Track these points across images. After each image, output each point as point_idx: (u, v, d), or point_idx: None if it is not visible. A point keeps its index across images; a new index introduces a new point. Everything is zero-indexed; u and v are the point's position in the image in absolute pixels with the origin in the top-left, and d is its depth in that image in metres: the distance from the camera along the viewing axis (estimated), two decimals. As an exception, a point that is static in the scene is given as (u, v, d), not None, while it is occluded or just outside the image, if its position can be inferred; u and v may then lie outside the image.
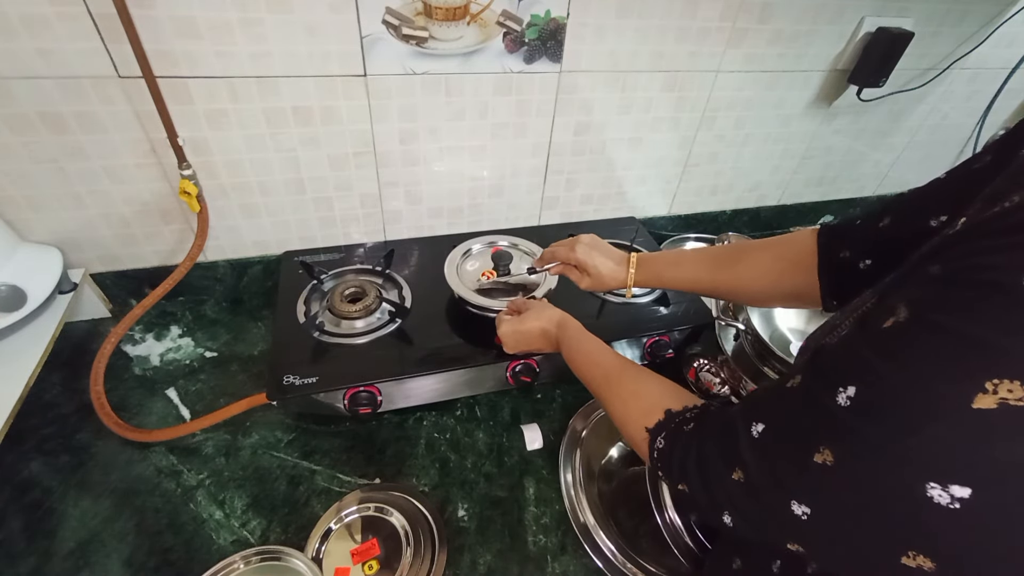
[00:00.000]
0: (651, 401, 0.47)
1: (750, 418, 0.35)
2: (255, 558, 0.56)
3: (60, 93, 0.63)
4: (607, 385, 0.53)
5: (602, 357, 0.57)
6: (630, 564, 0.59)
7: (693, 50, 0.85)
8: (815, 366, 0.32)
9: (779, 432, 0.34)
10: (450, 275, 0.77)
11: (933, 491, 0.25)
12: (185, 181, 0.72)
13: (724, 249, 0.64)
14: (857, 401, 0.28)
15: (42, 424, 0.68)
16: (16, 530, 0.58)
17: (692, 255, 0.66)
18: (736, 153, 1.05)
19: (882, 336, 0.28)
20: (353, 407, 0.68)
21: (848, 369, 0.29)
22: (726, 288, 0.62)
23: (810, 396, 0.32)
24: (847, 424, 0.29)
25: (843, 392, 0.29)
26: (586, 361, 0.58)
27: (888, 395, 0.27)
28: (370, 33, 0.69)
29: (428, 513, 0.62)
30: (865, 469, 0.28)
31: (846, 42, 0.93)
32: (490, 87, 0.79)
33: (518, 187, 0.95)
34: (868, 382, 0.28)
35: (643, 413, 0.47)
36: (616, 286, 0.69)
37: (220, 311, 0.88)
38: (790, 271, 0.56)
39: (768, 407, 0.35)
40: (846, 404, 0.29)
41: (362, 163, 0.82)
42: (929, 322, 0.26)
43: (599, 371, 0.55)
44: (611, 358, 0.56)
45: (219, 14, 0.63)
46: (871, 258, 0.48)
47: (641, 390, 0.50)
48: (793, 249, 0.57)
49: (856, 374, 0.29)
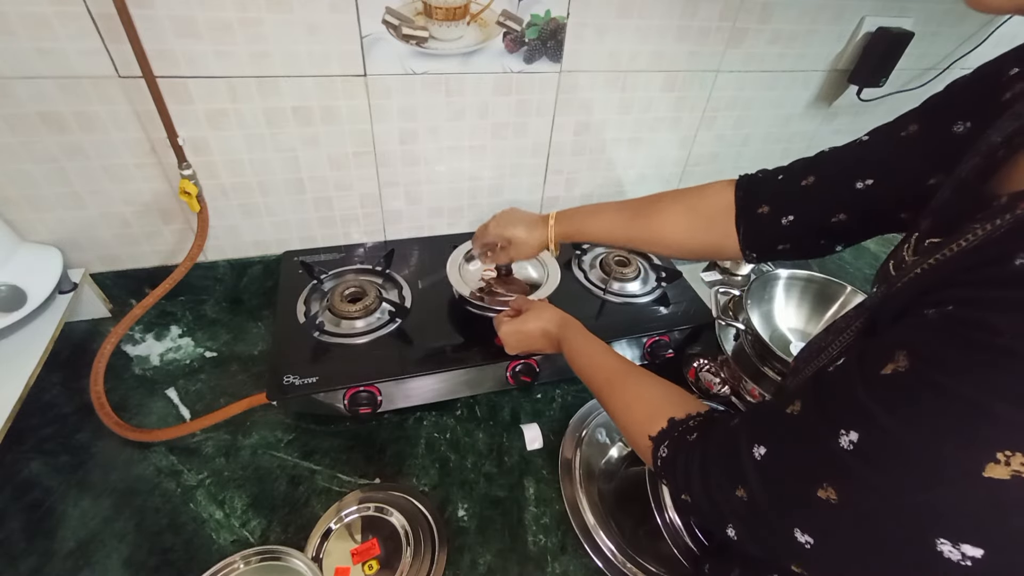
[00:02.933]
0: (654, 406, 0.47)
1: (752, 439, 0.35)
2: (255, 558, 0.56)
3: (60, 93, 0.63)
4: (609, 388, 0.53)
5: (604, 359, 0.56)
6: (630, 564, 0.59)
7: (693, 50, 0.85)
8: (815, 398, 0.32)
9: (780, 459, 0.33)
10: (453, 275, 0.77)
11: (943, 547, 0.24)
12: (185, 181, 0.72)
13: (642, 199, 0.64)
14: (860, 448, 0.27)
15: (42, 424, 0.68)
16: (16, 530, 0.58)
17: (612, 206, 0.66)
18: (736, 153, 1.05)
19: (883, 384, 0.27)
20: (353, 407, 0.68)
21: (849, 412, 0.28)
22: (641, 239, 0.63)
23: (811, 431, 0.31)
24: (851, 467, 0.28)
25: (845, 436, 0.28)
26: (588, 363, 0.57)
27: (892, 449, 0.26)
28: (370, 33, 0.69)
29: (428, 513, 0.62)
30: (871, 513, 0.27)
31: (846, 42, 0.93)
32: (490, 87, 0.79)
33: (518, 187, 0.95)
34: (871, 432, 0.27)
35: (646, 419, 0.46)
36: (540, 244, 0.69)
37: (220, 311, 0.88)
38: (704, 225, 0.57)
39: (769, 431, 0.34)
40: (849, 448, 0.28)
41: (362, 163, 0.82)
42: (933, 382, 0.25)
43: (601, 374, 0.55)
44: (614, 360, 0.55)
45: (219, 14, 0.63)
46: (794, 215, 0.50)
47: (644, 394, 0.50)
48: (706, 202, 0.58)
49: (858, 421, 0.28)
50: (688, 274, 0.91)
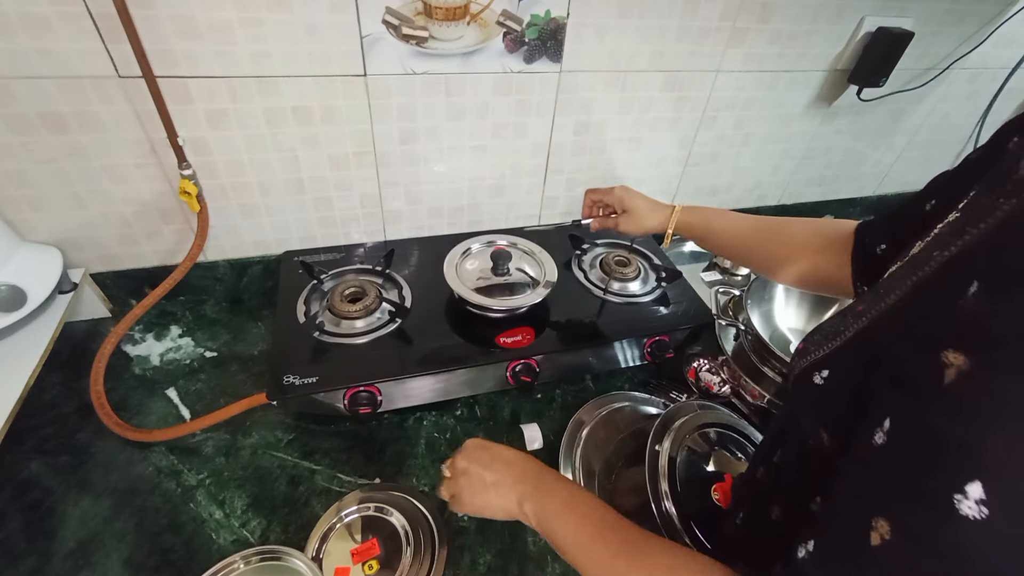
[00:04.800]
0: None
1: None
2: (255, 558, 0.56)
3: (60, 93, 0.63)
4: (628, 558, 0.40)
5: (615, 518, 0.44)
6: (630, 564, 0.59)
7: (693, 50, 0.85)
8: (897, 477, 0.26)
9: (830, 546, 0.28)
10: (449, 275, 0.77)
11: None
12: (185, 181, 0.72)
13: (769, 217, 0.65)
14: (992, 505, 0.22)
15: (42, 424, 0.68)
16: (16, 530, 0.58)
17: (737, 213, 0.67)
18: (736, 153, 1.05)
19: (949, 398, 0.24)
20: (353, 407, 0.68)
21: (955, 464, 0.23)
22: (765, 250, 0.62)
23: (922, 536, 0.24)
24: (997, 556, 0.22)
25: (964, 499, 0.22)
26: (585, 524, 0.44)
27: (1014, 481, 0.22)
28: (370, 33, 0.69)
29: (428, 513, 0.62)
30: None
31: (846, 42, 0.93)
32: (490, 87, 0.79)
33: (518, 187, 0.95)
34: (987, 471, 0.23)
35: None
36: (655, 225, 0.69)
37: (220, 311, 0.88)
38: (826, 248, 0.56)
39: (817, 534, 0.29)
40: (981, 516, 0.22)
41: (362, 163, 0.82)
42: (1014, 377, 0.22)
43: (614, 535, 0.42)
44: (628, 522, 0.43)
45: (219, 14, 0.63)
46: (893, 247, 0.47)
47: (677, 565, 0.38)
48: (833, 227, 0.57)
49: (968, 466, 0.23)
50: (688, 274, 0.91)
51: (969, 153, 0.42)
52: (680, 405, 0.71)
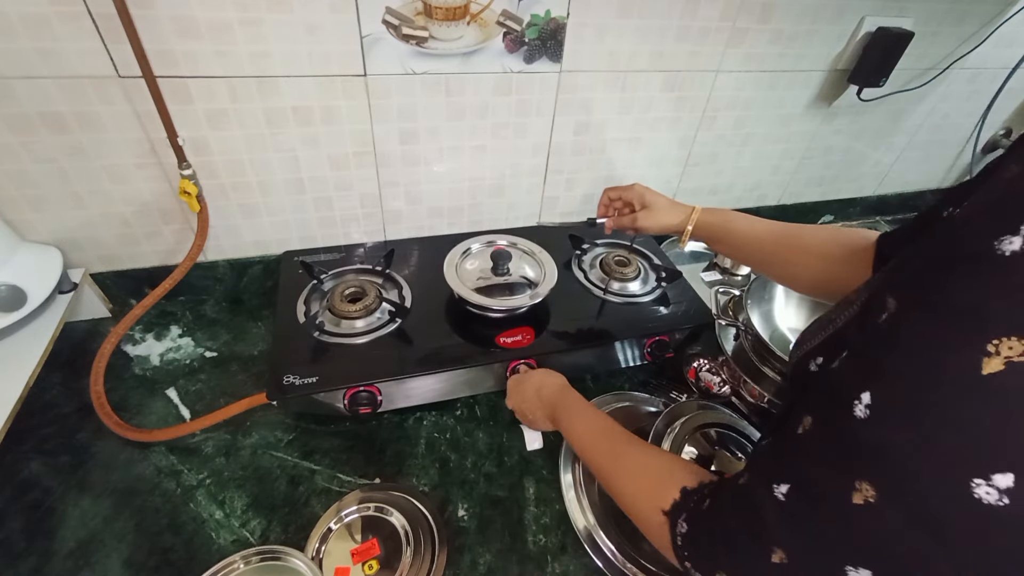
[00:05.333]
0: (662, 476, 0.43)
1: (770, 481, 0.32)
2: (255, 558, 0.56)
3: (60, 93, 0.63)
4: (613, 457, 0.50)
5: (608, 425, 0.54)
6: (630, 564, 0.59)
7: (693, 50, 0.85)
8: (827, 390, 0.31)
9: (805, 486, 0.30)
10: (449, 275, 0.77)
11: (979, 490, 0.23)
12: (185, 181, 0.72)
13: (787, 223, 0.64)
14: (875, 408, 0.27)
15: (42, 424, 0.68)
16: (16, 530, 0.58)
17: (757, 218, 0.66)
18: (736, 153, 1.05)
19: (879, 331, 0.28)
20: (353, 407, 0.68)
21: (858, 377, 0.28)
22: (782, 257, 0.61)
23: (828, 428, 0.30)
24: (875, 442, 0.27)
25: (859, 403, 0.27)
26: (587, 430, 0.56)
27: (900, 388, 0.26)
28: (370, 33, 0.69)
29: (428, 513, 0.62)
30: (909, 487, 0.26)
31: (846, 42, 0.93)
32: (490, 87, 0.79)
33: (518, 187, 0.95)
34: (880, 382, 0.27)
35: (655, 491, 0.42)
36: (674, 223, 0.70)
37: (220, 311, 0.88)
38: (847, 257, 0.55)
39: (786, 463, 0.32)
40: (865, 415, 0.27)
41: (362, 163, 0.82)
42: (920, 303, 0.26)
43: (606, 443, 0.52)
44: (618, 429, 0.53)
45: (219, 14, 0.63)
46: None
47: (651, 463, 0.47)
48: (854, 237, 0.56)
49: (866, 378, 0.27)
50: (688, 274, 0.91)
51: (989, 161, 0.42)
52: (680, 405, 0.71)
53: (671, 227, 0.71)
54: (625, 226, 0.76)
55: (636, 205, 0.74)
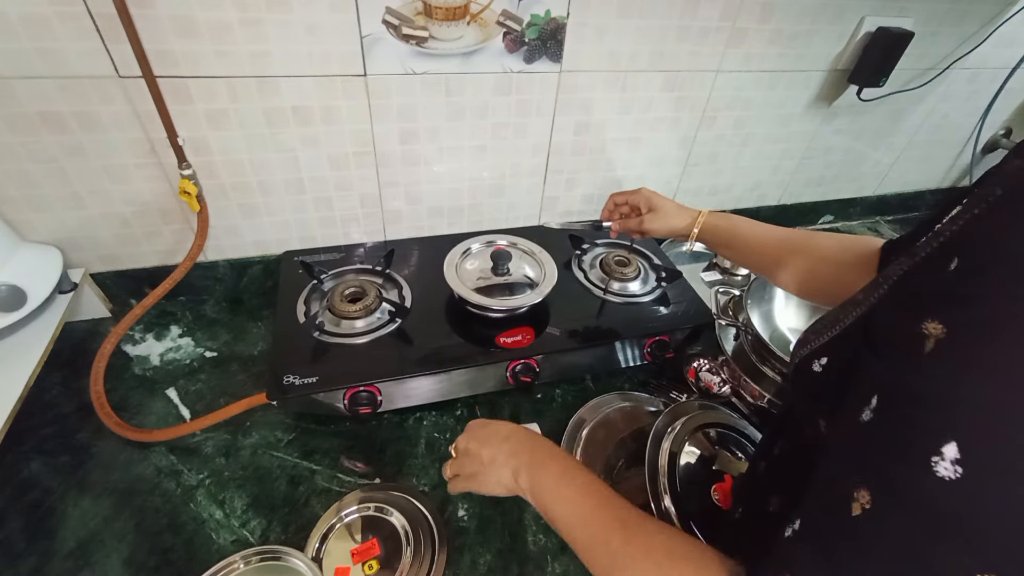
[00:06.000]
0: (691, 569, 0.35)
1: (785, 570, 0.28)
2: (255, 558, 0.56)
3: (60, 93, 0.63)
4: (624, 533, 0.39)
5: (605, 491, 0.43)
6: (630, 564, 0.59)
7: (693, 50, 0.85)
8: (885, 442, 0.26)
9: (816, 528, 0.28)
10: (449, 275, 0.77)
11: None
12: (185, 181, 0.72)
13: (794, 229, 0.64)
14: (968, 464, 0.23)
15: (42, 424, 0.68)
16: (16, 530, 0.58)
17: (765, 223, 0.66)
18: (736, 153, 1.05)
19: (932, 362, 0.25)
20: (353, 407, 0.68)
21: (930, 425, 0.24)
22: (789, 263, 0.60)
23: (899, 498, 0.25)
24: (971, 510, 0.23)
25: (941, 460, 0.23)
26: (579, 499, 0.43)
27: (994, 436, 0.23)
28: (370, 33, 0.69)
29: (428, 513, 0.62)
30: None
31: (846, 42, 0.93)
32: (490, 87, 0.79)
33: (518, 187, 0.95)
34: (963, 430, 0.23)
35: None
36: (681, 226, 0.70)
37: (220, 311, 0.88)
38: (854, 264, 0.55)
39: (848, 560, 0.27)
40: (955, 475, 0.23)
41: (362, 163, 0.82)
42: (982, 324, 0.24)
43: (609, 512, 0.41)
44: (616, 496, 0.42)
45: (219, 14, 0.63)
46: None
47: (675, 549, 0.37)
48: (861, 243, 0.56)
49: (946, 427, 0.24)
50: (688, 274, 0.91)
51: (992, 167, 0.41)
52: (680, 405, 0.71)
53: (677, 230, 0.71)
54: (631, 229, 0.76)
55: (643, 208, 0.74)
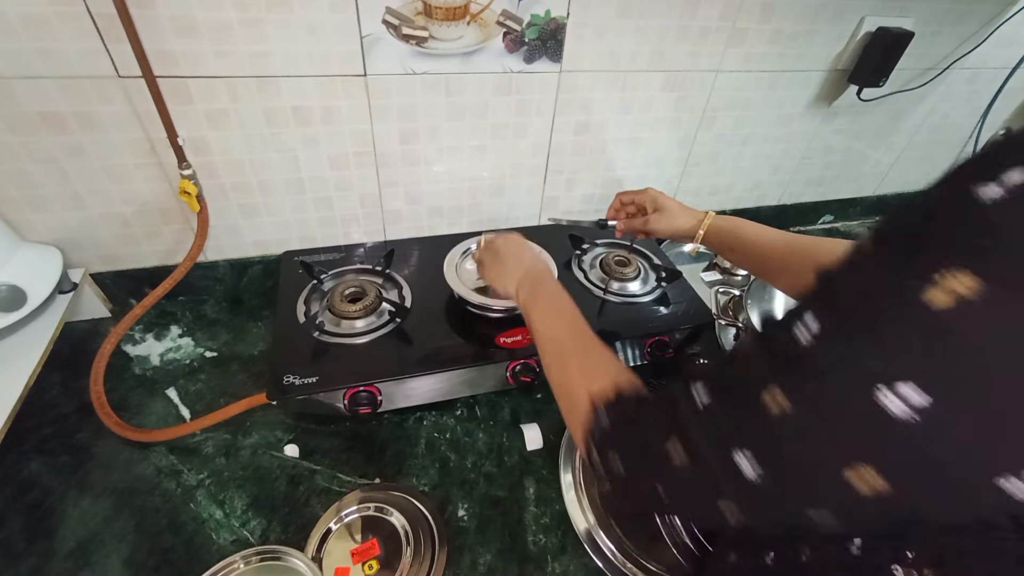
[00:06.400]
0: (609, 371, 0.44)
1: (695, 393, 0.34)
2: (255, 558, 0.56)
3: (60, 93, 0.63)
4: (572, 345, 0.49)
5: (578, 323, 0.52)
6: (630, 564, 0.59)
7: (693, 50, 0.85)
8: (769, 320, 0.32)
9: (725, 389, 0.32)
10: (449, 275, 0.77)
11: (889, 400, 0.23)
12: (185, 181, 0.72)
13: (799, 235, 0.63)
14: (822, 335, 0.27)
15: (42, 424, 0.68)
16: (16, 530, 0.58)
17: (771, 228, 0.66)
18: (736, 153, 1.05)
19: (841, 259, 0.28)
20: (353, 407, 0.68)
21: (807, 300, 0.28)
22: (794, 268, 0.59)
23: (764, 346, 0.30)
24: (799, 351, 0.27)
25: (805, 330, 0.27)
26: (561, 310, 0.53)
27: (848, 317, 0.26)
28: (370, 33, 0.69)
29: (428, 513, 0.62)
30: (815, 390, 0.26)
31: (846, 42, 0.93)
32: (490, 87, 0.79)
33: (518, 187, 0.95)
34: (824, 300, 0.28)
35: (597, 378, 0.43)
36: (687, 227, 0.70)
37: (220, 311, 0.88)
38: None
39: (717, 374, 0.34)
40: (809, 341, 0.27)
41: (362, 163, 0.82)
42: (880, 236, 0.27)
43: (572, 328, 0.51)
44: (585, 328, 0.51)
45: (219, 14, 0.63)
46: None
47: (608, 357, 0.47)
48: None
49: (814, 300, 0.28)
50: (688, 274, 0.91)
51: None
52: (680, 405, 0.71)
53: (683, 231, 0.71)
54: (636, 229, 0.76)
55: (648, 208, 0.74)
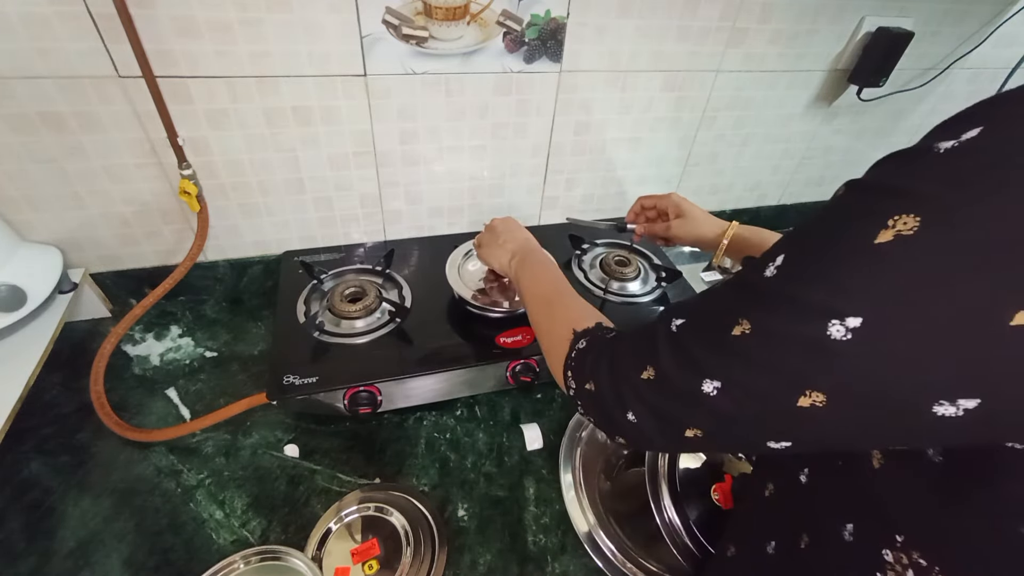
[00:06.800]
0: (587, 314, 0.49)
1: (671, 316, 0.35)
2: (255, 558, 0.56)
3: (60, 93, 0.63)
4: (558, 297, 0.54)
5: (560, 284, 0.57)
6: (630, 564, 0.59)
7: (693, 50, 0.85)
8: (750, 260, 0.34)
9: (699, 320, 0.34)
10: (452, 276, 0.77)
11: (832, 328, 0.25)
12: (185, 181, 0.72)
13: None
14: (784, 267, 0.29)
15: (42, 424, 0.68)
16: (16, 530, 0.58)
17: None
18: (736, 153, 1.05)
19: (816, 212, 0.30)
20: (353, 407, 0.68)
21: (779, 246, 0.30)
22: None
23: (737, 280, 0.32)
24: (767, 289, 0.29)
25: (771, 264, 0.29)
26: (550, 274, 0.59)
27: (807, 252, 0.28)
28: (370, 33, 0.69)
29: (428, 513, 0.62)
30: (776, 323, 0.28)
31: (846, 42, 0.93)
32: (490, 87, 0.79)
33: (518, 187, 0.95)
34: (795, 246, 0.30)
35: (577, 319, 0.48)
36: (710, 235, 0.69)
37: (220, 311, 0.88)
38: None
39: (691, 304, 0.36)
40: (773, 274, 0.29)
41: (362, 163, 0.82)
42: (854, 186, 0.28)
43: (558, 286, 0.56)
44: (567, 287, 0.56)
45: (219, 14, 0.63)
46: None
47: (586, 305, 0.52)
48: None
49: (785, 246, 0.30)
50: (688, 274, 0.91)
51: None
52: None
53: (705, 240, 0.70)
54: (657, 235, 0.74)
55: (671, 214, 0.72)
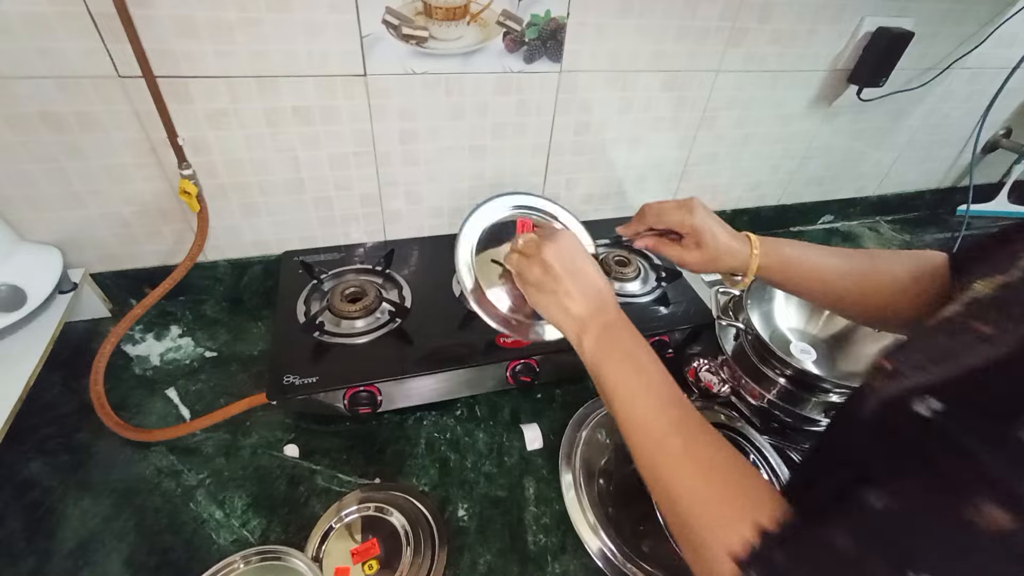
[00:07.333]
0: (739, 501, 0.34)
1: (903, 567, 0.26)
2: (255, 558, 0.56)
3: (60, 93, 0.63)
4: (683, 439, 0.37)
5: (674, 391, 0.41)
6: (630, 564, 0.59)
7: (693, 50, 0.85)
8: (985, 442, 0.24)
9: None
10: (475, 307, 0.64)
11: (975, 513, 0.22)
12: (185, 181, 0.72)
13: (850, 251, 0.57)
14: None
15: (42, 424, 0.68)
16: (16, 530, 0.58)
17: (813, 245, 0.56)
18: (736, 153, 1.05)
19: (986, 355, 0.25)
20: (353, 407, 0.68)
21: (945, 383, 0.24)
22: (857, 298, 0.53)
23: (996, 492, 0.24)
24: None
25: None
26: (645, 390, 0.41)
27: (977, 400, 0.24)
28: (370, 33, 0.69)
29: (428, 513, 0.62)
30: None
31: (846, 42, 0.93)
32: (490, 87, 0.79)
33: (518, 187, 0.95)
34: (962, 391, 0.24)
35: (729, 522, 0.33)
36: (732, 265, 0.56)
37: (220, 311, 0.88)
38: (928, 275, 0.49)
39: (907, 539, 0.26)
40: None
41: (362, 163, 0.82)
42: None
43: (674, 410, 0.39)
44: (683, 396, 0.40)
45: (219, 14, 0.63)
46: None
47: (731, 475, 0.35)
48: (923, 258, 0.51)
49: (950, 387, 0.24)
50: (688, 274, 0.91)
51: None
52: (680, 405, 0.71)
53: (731, 265, 0.59)
54: (667, 256, 0.62)
55: (689, 241, 0.59)
